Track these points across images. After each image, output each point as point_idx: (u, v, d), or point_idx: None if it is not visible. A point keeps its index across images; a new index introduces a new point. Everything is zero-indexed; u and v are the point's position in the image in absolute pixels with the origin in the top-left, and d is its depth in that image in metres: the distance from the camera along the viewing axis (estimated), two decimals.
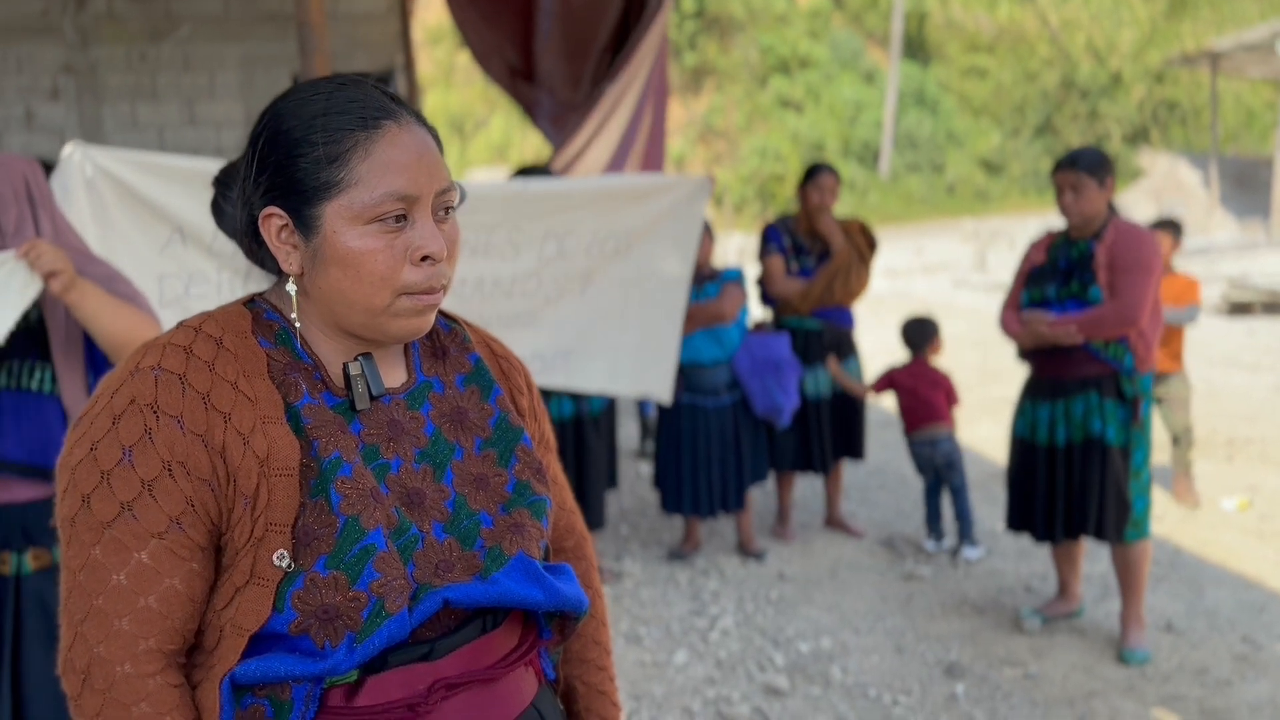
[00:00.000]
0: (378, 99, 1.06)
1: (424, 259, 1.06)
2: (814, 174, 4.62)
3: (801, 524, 4.96)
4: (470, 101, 27.62)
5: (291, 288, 1.09)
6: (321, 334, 1.11)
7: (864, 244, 4.66)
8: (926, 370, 4.65)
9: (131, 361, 1.04)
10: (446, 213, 1.09)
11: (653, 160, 5.47)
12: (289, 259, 1.07)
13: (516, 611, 1.18)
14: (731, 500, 4.45)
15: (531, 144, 25.18)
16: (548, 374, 3.82)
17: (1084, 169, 3.39)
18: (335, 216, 1.03)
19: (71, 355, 2.15)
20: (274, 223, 1.07)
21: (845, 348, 4.73)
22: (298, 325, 1.10)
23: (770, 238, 4.71)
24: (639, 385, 4.10)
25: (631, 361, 4.01)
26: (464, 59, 26.47)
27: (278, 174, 1.05)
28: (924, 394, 4.58)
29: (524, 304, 3.73)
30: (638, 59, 4.55)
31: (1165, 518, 4.84)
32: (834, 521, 4.88)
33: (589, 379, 3.95)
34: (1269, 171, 22.08)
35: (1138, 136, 30.52)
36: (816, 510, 5.13)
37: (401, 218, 1.04)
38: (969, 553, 4.47)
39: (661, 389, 4.10)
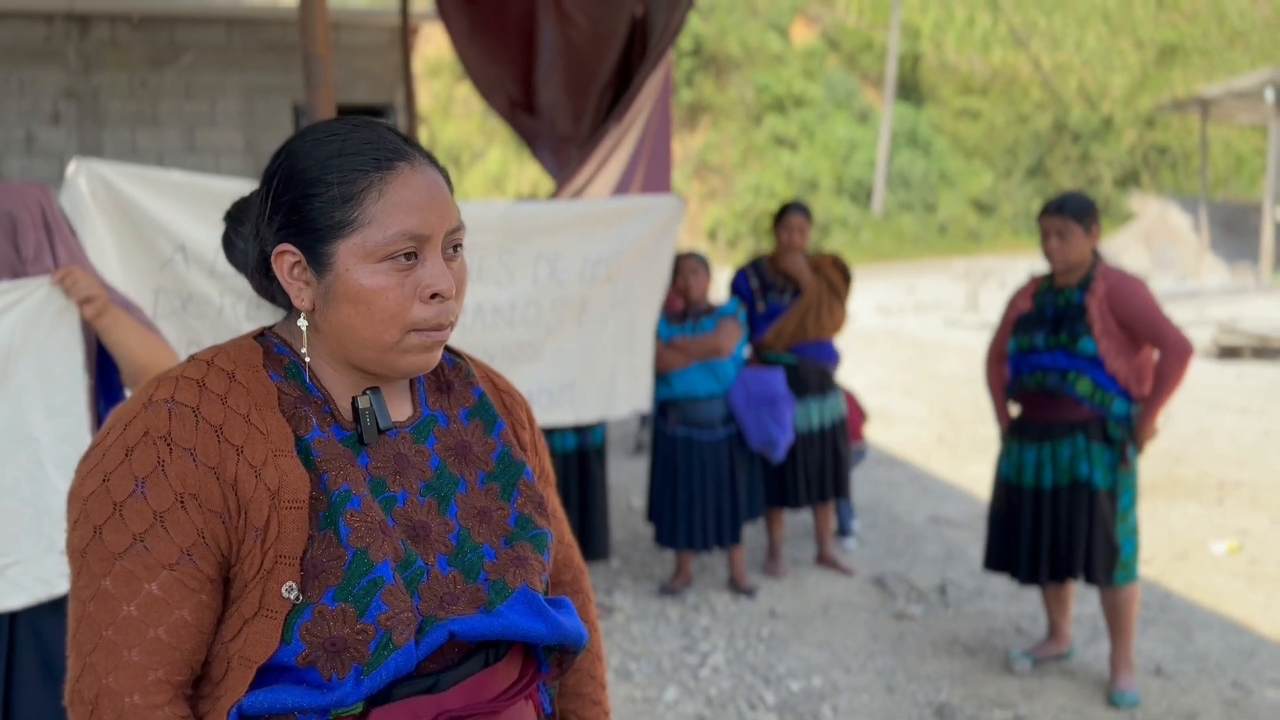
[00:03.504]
0: (391, 140, 1.09)
1: (433, 296, 1.08)
2: (784, 214, 4.67)
3: (793, 560, 4.96)
4: (468, 133, 27.76)
5: (303, 323, 1.11)
6: (330, 368, 1.13)
7: (837, 278, 4.66)
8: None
9: (144, 394, 1.05)
10: (455, 251, 1.11)
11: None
12: (301, 295, 1.09)
13: (518, 645, 1.19)
14: (726, 535, 4.44)
15: (528, 176, 25.29)
16: (556, 410, 3.86)
17: (1070, 214, 3.41)
18: (348, 254, 1.05)
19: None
20: (286, 259, 1.08)
21: (826, 384, 4.75)
22: (308, 360, 1.12)
23: (736, 287, 4.77)
24: (629, 402, 4.16)
25: (624, 381, 4.08)
26: (462, 92, 26.64)
27: (292, 212, 1.07)
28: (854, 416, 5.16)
29: (526, 334, 3.77)
30: (641, 99, 4.61)
31: (1154, 560, 4.85)
32: (825, 559, 4.88)
33: (591, 408, 4.00)
34: (1258, 217, 22.30)
35: (1128, 180, 30.79)
36: (808, 547, 5.13)
37: (412, 255, 1.06)
38: (849, 542, 5.19)
39: (643, 398, 4.20)
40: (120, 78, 7.85)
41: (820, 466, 4.75)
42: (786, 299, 4.67)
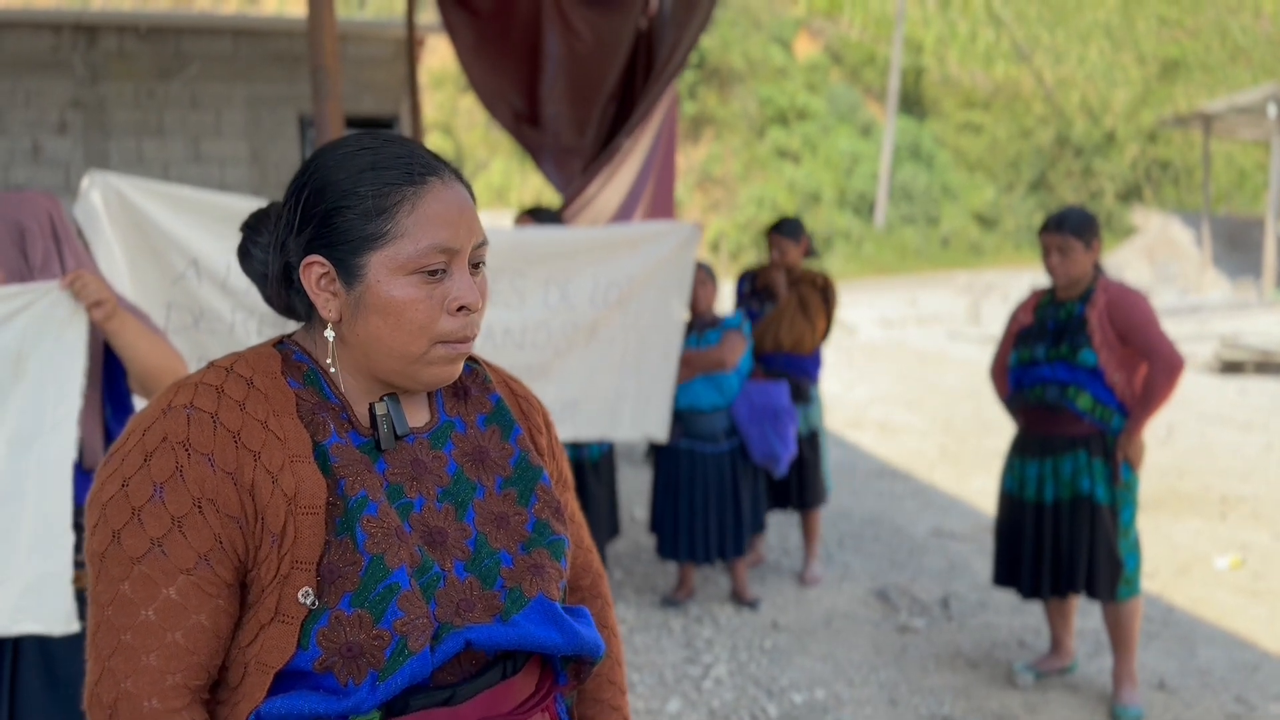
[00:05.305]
0: (423, 155, 1.11)
1: (460, 309, 1.10)
2: (769, 232, 4.78)
3: (793, 572, 4.96)
4: (471, 145, 27.85)
5: (330, 334, 1.12)
6: (350, 377, 1.14)
7: (810, 295, 4.69)
8: None
9: (164, 400, 1.06)
10: (479, 266, 1.13)
11: (661, 208, 5.54)
12: (328, 306, 1.10)
13: (535, 656, 1.19)
14: (729, 548, 4.44)
15: (531, 187, 25.37)
16: (556, 426, 3.85)
17: (1070, 231, 3.42)
18: (380, 266, 1.07)
19: (91, 387, 2.18)
20: (315, 270, 1.10)
21: (798, 396, 4.74)
22: (333, 370, 1.13)
23: (738, 290, 4.93)
24: (638, 427, 4.14)
25: (632, 405, 4.06)
26: (465, 103, 26.75)
27: (323, 224, 1.08)
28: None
29: (535, 356, 3.77)
30: (653, 114, 4.64)
31: (1157, 575, 4.85)
32: (803, 575, 4.88)
33: (592, 426, 3.99)
34: (1260, 232, 22.34)
35: (1131, 194, 30.86)
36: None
37: (441, 269, 1.08)
38: None
39: (659, 428, 4.15)
40: (127, 88, 7.89)
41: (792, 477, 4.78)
42: (770, 309, 4.76)
